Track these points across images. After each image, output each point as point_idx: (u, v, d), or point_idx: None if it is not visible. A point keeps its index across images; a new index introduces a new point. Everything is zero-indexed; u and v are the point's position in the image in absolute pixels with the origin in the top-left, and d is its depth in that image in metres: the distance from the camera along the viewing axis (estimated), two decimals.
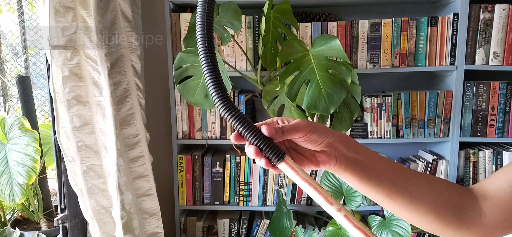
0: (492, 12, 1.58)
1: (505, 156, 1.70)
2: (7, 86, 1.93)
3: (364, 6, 1.81)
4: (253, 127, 0.47)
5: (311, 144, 0.51)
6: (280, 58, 1.29)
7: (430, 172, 1.73)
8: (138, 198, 1.52)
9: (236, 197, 1.79)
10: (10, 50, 1.98)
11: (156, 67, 1.86)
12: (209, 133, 1.74)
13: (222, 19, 1.41)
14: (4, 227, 1.73)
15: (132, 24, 1.40)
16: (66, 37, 1.22)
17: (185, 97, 1.40)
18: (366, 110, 1.72)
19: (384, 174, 0.53)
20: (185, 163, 1.76)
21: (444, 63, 1.65)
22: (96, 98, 1.31)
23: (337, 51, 1.27)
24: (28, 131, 1.52)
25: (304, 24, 1.64)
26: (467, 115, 1.67)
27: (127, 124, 1.43)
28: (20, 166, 1.48)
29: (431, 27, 1.63)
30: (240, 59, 1.68)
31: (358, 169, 0.52)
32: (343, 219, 0.46)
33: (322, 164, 0.51)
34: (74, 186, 1.35)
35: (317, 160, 0.51)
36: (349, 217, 0.46)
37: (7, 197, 1.48)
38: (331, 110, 1.24)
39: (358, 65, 1.66)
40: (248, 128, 0.47)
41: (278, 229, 1.71)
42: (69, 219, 1.45)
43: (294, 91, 1.26)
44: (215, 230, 1.84)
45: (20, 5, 1.89)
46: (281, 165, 0.48)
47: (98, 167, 1.38)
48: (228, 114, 0.47)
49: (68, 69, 1.25)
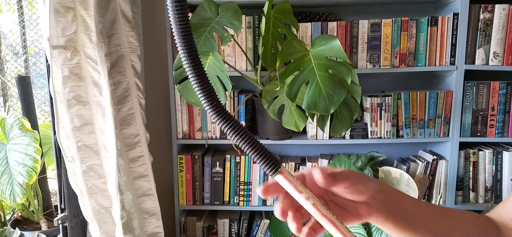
0: (492, 12, 1.58)
1: (505, 156, 1.70)
2: (7, 86, 1.93)
3: (364, 6, 1.81)
4: (250, 137, 0.43)
5: (355, 194, 0.48)
6: (280, 58, 1.29)
7: (430, 172, 1.73)
8: (138, 198, 1.52)
9: (236, 197, 1.79)
10: (10, 50, 1.98)
11: (156, 67, 1.87)
12: (209, 133, 1.74)
13: (222, 19, 1.42)
14: (4, 227, 1.73)
15: (132, 24, 1.40)
16: (66, 37, 1.22)
17: (185, 97, 1.40)
18: (366, 110, 1.73)
19: (428, 221, 0.52)
20: (185, 163, 1.77)
21: (444, 63, 1.65)
22: (96, 98, 1.31)
23: (337, 51, 1.27)
24: (29, 131, 1.52)
25: (304, 24, 1.64)
26: (467, 115, 1.67)
27: (127, 124, 1.43)
28: (21, 166, 1.48)
29: (431, 27, 1.63)
30: (240, 59, 1.68)
31: (399, 219, 0.50)
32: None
33: (364, 217, 0.49)
34: (74, 186, 1.35)
35: (359, 213, 0.49)
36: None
37: (8, 197, 1.48)
38: (331, 110, 1.24)
39: (358, 65, 1.66)
40: (244, 139, 0.43)
41: (278, 229, 1.71)
42: (69, 219, 1.45)
43: (294, 91, 1.26)
44: (215, 230, 1.84)
45: (20, 5, 1.89)
46: (277, 177, 0.45)
47: (98, 167, 1.38)
48: (224, 124, 0.42)
49: (68, 69, 1.25)
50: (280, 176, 0.45)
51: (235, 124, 0.42)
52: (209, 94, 0.41)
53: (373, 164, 1.70)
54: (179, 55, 0.40)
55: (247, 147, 0.43)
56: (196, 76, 0.40)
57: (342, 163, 1.58)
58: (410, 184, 1.54)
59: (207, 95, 0.41)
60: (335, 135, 1.47)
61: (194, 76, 0.40)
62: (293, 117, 1.44)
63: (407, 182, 1.55)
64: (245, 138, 0.43)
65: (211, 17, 1.44)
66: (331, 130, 1.47)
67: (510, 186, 1.70)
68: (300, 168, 1.78)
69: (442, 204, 1.74)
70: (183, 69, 1.38)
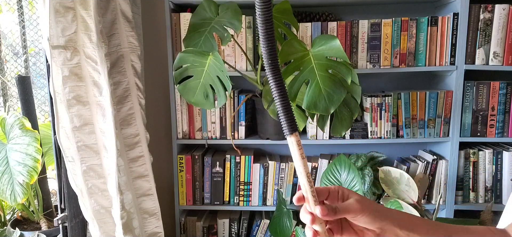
0: (492, 12, 1.58)
1: (505, 156, 1.70)
2: (7, 86, 1.93)
3: (364, 6, 1.81)
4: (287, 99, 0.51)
5: (362, 224, 0.52)
6: (280, 58, 1.29)
7: (430, 172, 1.73)
8: (138, 198, 1.52)
9: (236, 197, 1.79)
10: (10, 50, 1.98)
11: (156, 67, 1.87)
12: (209, 133, 1.74)
13: (222, 19, 1.42)
14: (4, 227, 1.73)
15: (132, 24, 1.40)
16: (66, 37, 1.22)
17: (185, 97, 1.40)
18: (366, 110, 1.73)
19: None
20: (185, 163, 1.76)
21: (444, 63, 1.65)
22: (96, 98, 1.31)
23: (337, 51, 1.27)
24: (29, 131, 1.52)
25: (304, 24, 1.64)
26: (467, 115, 1.67)
27: (127, 124, 1.43)
28: (21, 166, 1.48)
29: (431, 27, 1.63)
30: (240, 59, 1.68)
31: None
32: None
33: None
34: (74, 186, 1.35)
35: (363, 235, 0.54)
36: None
37: (9, 196, 1.48)
38: (331, 110, 1.24)
39: (358, 65, 1.66)
40: (281, 97, 0.50)
41: (278, 229, 1.71)
42: (69, 219, 1.45)
43: (294, 91, 1.26)
44: (215, 230, 1.84)
45: (20, 5, 1.89)
46: (290, 139, 0.51)
47: (98, 167, 1.38)
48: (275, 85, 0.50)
49: (68, 69, 1.25)
50: (293, 138, 0.51)
51: (282, 87, 0.50)
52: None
53: (373, 164, 1.70)
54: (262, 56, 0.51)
55: (281, 102, 0.50)
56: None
57: (342, 163, 1.58)
58: (410, 184, 1.54)
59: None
60: (335, 135, 1.47)
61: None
62: None
63: (407, 182, 1.55)
64: (283, 97, 0.50)
65: (211, 17, 1.44)
66: (331, 130, 1.47)
67: (510, 186, 1.70)
68: None
69: (442, 204, 1.74)
70: (183, 69, 1.38)
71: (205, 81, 1.36)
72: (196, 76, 1.37)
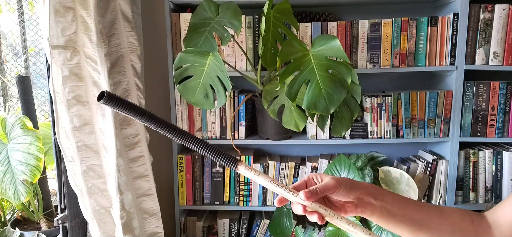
0: (492, 12, 1.58)
1: (505, 156, 1.70)
2: (7, 86, 1.93)
3: (364, 6, 1.81)
4: (207, 145, 0.56)
5: (341, 197, 0.61)
6: (280, 58, 1.29)
7: (430, 172, 1.73)
8: (138, 198, 1.52)
9: (236, 197, 1.79)
10: (10, 50, 1.98)
11: (156, 67, 1.87)
12: (209, 133, 1.74)
13: (222, 19, 1.42)
14: (4, 227, 1.73)
15: (132, 24, 1.40)
16: (66, 37, 1.22)
17: (185, 97, 1.40)
18: (366, 110, 1.73)
19: (409, 215, 0.64)
20: (185, 163, 1.77)
21: (444, 63, 1.65)
22: (96, 98, 1.31)
23: (337, 51, 1.27)
24: (30, 131, 1.52)
25: (304, 24, 1.64)
26: (467, 115, 1.67)
27: (127, 124, 1.43)
28: (24, 165, 1.48)
29: (431, 27, 1.63)
30: (240, 59, 1.68)
31: (384, 214, 0.63)
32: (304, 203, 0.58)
33: (350, 212, 0.61)
34: (74, 186, 1.35)
35: (345, 209, 0.61)
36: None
37: (12, 196, 1.48)
38: (331, 110, 1.24)
39: (358, 65, 1.66)
40: (205, 148, 0.56)
41: (278, 229, 1.71)
42: (69, 219, 1.45)
43: (294, 91, 1.26)
44: (215, 230, 1.84)
45: (20, 5, 1.89)
46: (239, 170, 0.57)
47: (98, 167, 1.38)
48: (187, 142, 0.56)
49: (68, 69, 1.25)
50: (240, 167, 0.58)
51: (194, 138, 0.56)
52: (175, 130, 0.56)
53: (373, 164, 1.70)
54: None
55: (207, 152, 0.56)
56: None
57: (342, 163, 1.58)
58: (410, 184, 1.54)
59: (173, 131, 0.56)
60: (335, 135, 1.48)
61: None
62: (293, 117, 1.44)
63: (407, 182, 1.55)
64: (206, 146, 0.56)
65: (211, 17, 1.44)
66: (331, 130, 1.47)
67: (510, 186, 1.70)
68: (300, 168, 1.78)
69: (442, 204, 1.74)
70: (183, 69, 1.38)
71: (205, 81, 1.36)
72: (196, 76, 1.37)
